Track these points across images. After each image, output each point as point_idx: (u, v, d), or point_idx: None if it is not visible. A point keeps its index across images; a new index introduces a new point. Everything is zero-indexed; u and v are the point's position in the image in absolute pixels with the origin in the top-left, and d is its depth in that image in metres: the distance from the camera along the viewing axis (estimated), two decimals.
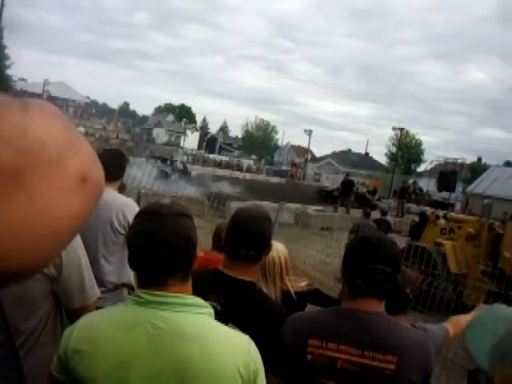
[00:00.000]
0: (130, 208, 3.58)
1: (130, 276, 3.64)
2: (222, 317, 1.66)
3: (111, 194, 3.43)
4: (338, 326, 1.98)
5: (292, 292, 2.90)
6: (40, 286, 2.05)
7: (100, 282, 2.40)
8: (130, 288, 3.66)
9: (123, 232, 3.53)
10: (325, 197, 29.70)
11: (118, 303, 1.78)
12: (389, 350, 1.91)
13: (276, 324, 2.14)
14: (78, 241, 2.19)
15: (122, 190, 3.93)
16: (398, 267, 2.05)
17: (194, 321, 1.56)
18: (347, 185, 25.43)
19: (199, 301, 1.61)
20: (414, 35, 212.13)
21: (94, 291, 2.29)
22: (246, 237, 2.17)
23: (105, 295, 2.43)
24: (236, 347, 1.58)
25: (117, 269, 3.52)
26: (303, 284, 3.11)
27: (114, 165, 3.55)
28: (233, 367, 1.52)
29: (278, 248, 3.04)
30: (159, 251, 1.54)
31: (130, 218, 3.52)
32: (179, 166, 33.62)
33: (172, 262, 1.56)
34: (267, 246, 2.25)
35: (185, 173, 31.52)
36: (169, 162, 33.57)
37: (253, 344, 1.63)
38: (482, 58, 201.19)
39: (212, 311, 1.63)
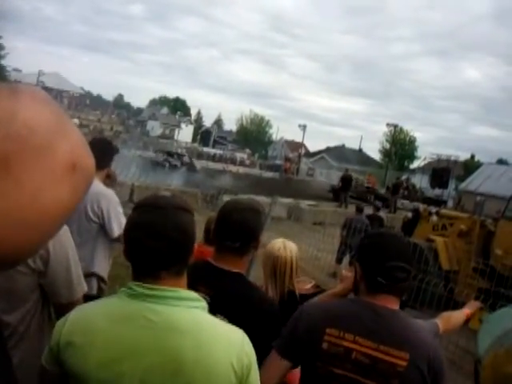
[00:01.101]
0: (106, 197, 3.58)
1: (102, 266, 3.63)
2: (210, 308, 1.65)
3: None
4: (356, 317, 2.00)
5: (297, 293, 2.91)
6: (26, 280, 2.02)
7: None
8: (100, 279, 3.65)
9: (97, 221, 3.53)
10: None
11: (88, 293, 1.76)
12: (403, 347, 1.93)
13: (264, 315, 2.15)
14: (67, 236, 2.17)
15: (110, 179, 3.90)
16: (412, 264, 2.09)
17: (188, 314, 1.54)
18: (347, 180, 25.84)
19: (193, 295, 1.60)
20: (410, 32, 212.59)
21: (81, 287, 2.26)
22: (231, 228, 2.17)
23: None
24: (229, 341, 1.57)
25: (87, 257, 3.50)
26: (309, 286, 3.11)
27: (99, 153, 3.50)
28: (226, 361, 1.52)
29: (292, 248, 3.06)
30: (155, 244, 1.52)
31: (105, 206, 3.53)
32: (186, 159, 35.37)
33: (167, 255, 1.55)
34: (255, 238, 2.24)
35: (191, 166, 33.18)
36: (176, 156, 35.42)
37: (246, 338, 1.63)
38: (477, 56, 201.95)
39: (206, 305, 1.63)
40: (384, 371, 1.90)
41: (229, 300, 2.09)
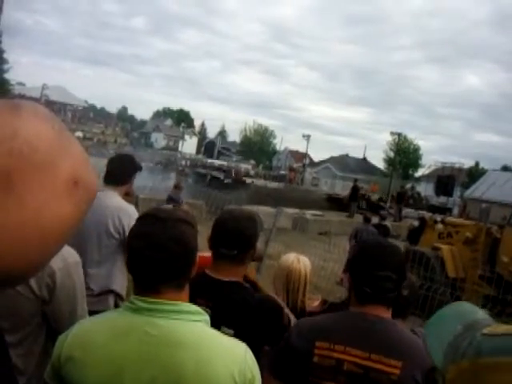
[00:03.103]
0: (127, 212, 3.53)
1: (120, 284, 3.60)
2: (213, 321, 1.64)
3: (111, 198, 3.40)
4: (345, 328, 1.98)
5: (306, 310, 2.89)
6: (30, 305, 1.99)
7: (86, 286, 2.34)
8: (118, 296, 3.61)
9: (117, 236, 3.47)
10: (336, 204, 30.54)
11: (105, 309, 1.73)
12: (395, 355, 1.90)
13: (267, 315, 2.16)
14: (77, 269, 2.11)
15: (128, 197, 3.88)
16: (404, 274, 2.06)
17: (189, 328, 1.53)
18: (355, 191, 26.19)
19: (195, 308, 1.58)
20: (410, 40, 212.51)
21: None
22: (227, 235, 2.17)
23: (89, 299, 2.35)
24: (232, 355, 1.55)
25: (106, 274, 3.44)
26: (317, 303, 3.09)
27: (120, 169, 3.55)
28: (228, 375, 1.49)
29: (306, 262, 3.05)
30: (155, 256, 1.51)
31: (126, 222, 3.48)
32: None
33: (167, 267, 1.53)
34: (250, 247, 2.24)
35: (241, 182, 36.20)
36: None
37: (249, 352, 1.61)
38: (477, 62, 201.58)
39: (208, 319, 1.61)
40: (377, 380, 1.88)
41: (230, 310, 2.08)
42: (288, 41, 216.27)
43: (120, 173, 3.54)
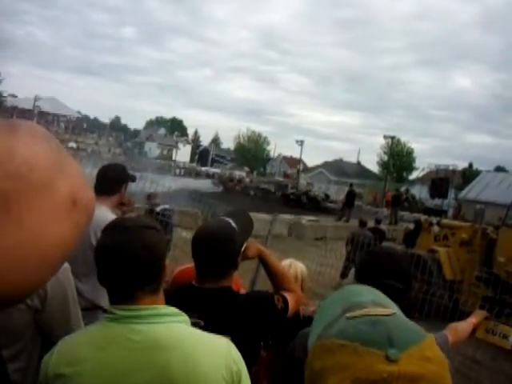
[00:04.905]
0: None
1: (107, 298, 3.53)
2: (208, 331, 1.64)
3: (96, 210, 3.32)
4: None
5: (301, 314, 2.89)
6: (22, 316, 1.96)
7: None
8: (104, 311, 3.54)
9: None
10: (287, 201, 33.32)
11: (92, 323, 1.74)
12: None
13: (259, 310, 2.17)
14: (67, 275, 2.10)
15: (127, 206, 3.78)
16: (410, 283, 2.03)
17: (170, 330, 1.55)
18: (351, 195, 26.27)
19: (173, 310, 1.60)
20: (400, 44, 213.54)
21: (79, 328, 2.19)
22: (204, 258, 2.15)
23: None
24: (215, 350, 1.57)
25: (93, 288, 3.39)
26: (312, 309, 3.09)
27: (108, 179, 3.43)
28: (215, 371, 1.52)
29: (297, 268, 3.07)
30: (126, 265, 1.53)
31: None
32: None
33: (142, 274, 1.56)
34: (229, 264, 2.19)
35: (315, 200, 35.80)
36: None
37: (232, 345, 1.63)
38: (467, 64, 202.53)
39: (187, 319, 1.62)
40: None
41: (223, 317, 2.06)
42: (278, 47, 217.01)
43: (108, 183, 3.41)
